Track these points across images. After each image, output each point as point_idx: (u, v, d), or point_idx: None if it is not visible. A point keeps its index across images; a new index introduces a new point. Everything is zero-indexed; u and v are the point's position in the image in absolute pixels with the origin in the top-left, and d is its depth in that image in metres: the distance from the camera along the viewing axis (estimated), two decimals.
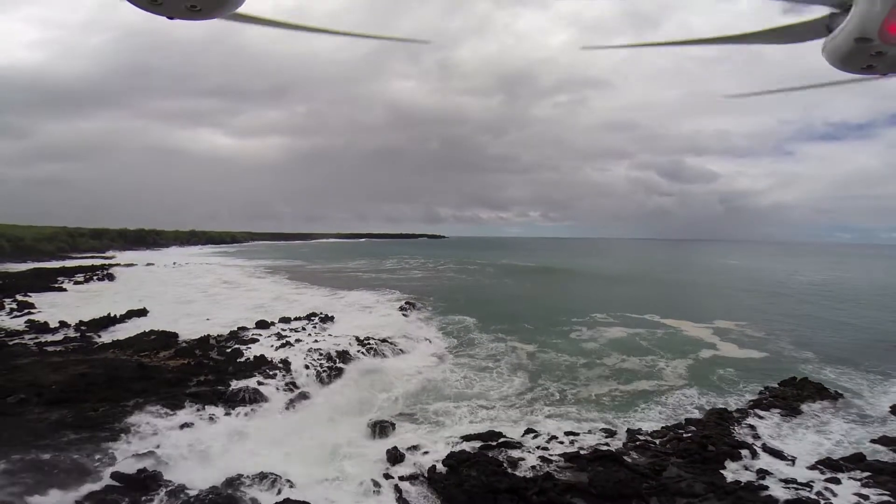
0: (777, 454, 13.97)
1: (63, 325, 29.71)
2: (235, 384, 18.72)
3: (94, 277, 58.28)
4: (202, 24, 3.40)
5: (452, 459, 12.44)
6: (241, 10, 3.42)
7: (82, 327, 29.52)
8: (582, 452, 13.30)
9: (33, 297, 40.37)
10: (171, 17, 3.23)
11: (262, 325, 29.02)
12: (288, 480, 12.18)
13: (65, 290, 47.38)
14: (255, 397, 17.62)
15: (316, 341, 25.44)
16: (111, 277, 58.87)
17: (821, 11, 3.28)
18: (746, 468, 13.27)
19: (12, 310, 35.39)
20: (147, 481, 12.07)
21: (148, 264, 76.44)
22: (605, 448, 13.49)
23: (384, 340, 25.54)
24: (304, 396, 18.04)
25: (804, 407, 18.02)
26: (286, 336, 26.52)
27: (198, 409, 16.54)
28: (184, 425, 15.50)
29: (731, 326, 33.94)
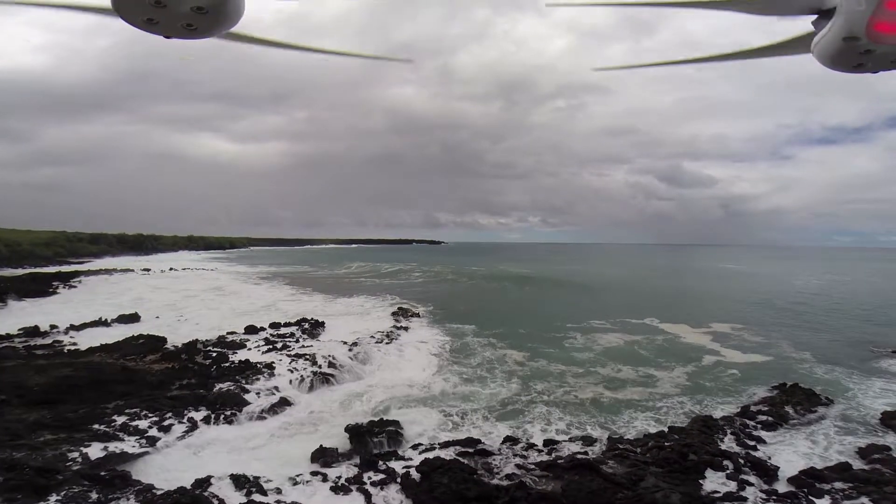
0: (759, 464, 13.66)
1: (54, 328, 29.81)
2: (217, 388, 18.67)
3: (89, 282, 58.34)
4: None
5: (426, 466, 12.26)
6: (239, 28, 3.41)
7: (73, 331, 29.58)
8: (559, 461, 13.07)
9: (27, 302, 40.48)
10: (167, 37, 3.24)
11: (250, 330, 28.92)
12: (258, 483, 12.06)
13: (59, 294, 47.46)
14: (236, 401, 17.49)
15: (303, 347, 25.34)
16: (106, 282, 58.93)
17: (806, 28, 3.29)
18: (727, 478, 12.99)
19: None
20: (115, 481, 12.10)
21: (144, 269, 76.51)
22: (582, 457, 13.26)
23: (372, 346, 25.36)
24: (284, 401, 17.89)
25: (792, 414, 17.74)
26: (274, 341, 26.44)
27: (176, 412, 16.48)
28: (161, 427, 15.45)
29: (728, 330, 33.83)
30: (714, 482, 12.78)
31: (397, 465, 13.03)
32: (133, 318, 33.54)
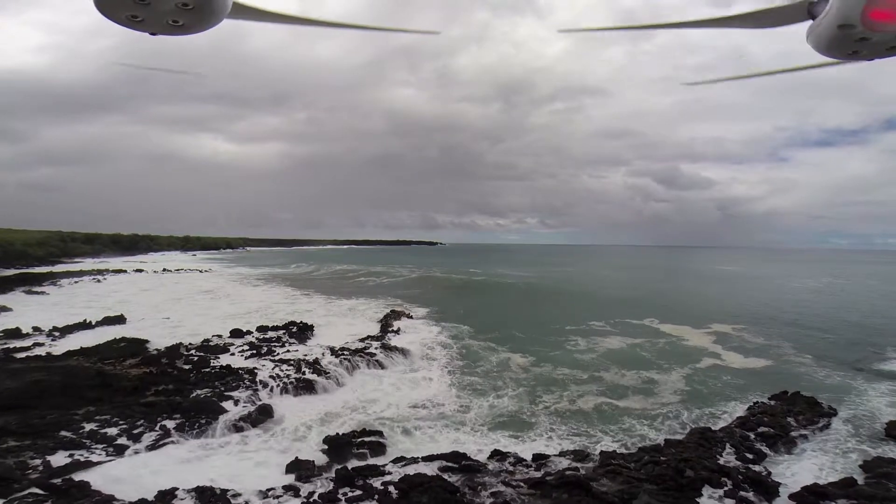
0: (759, 481, 12.90)
1: (36, 330, 29.12)
2: (194, 395, 17.91)
3: (79, 283, 57.53)
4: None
5: (405, 483, 11.48)
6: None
7: (55, 333, 28.90)
8: (548, 478, 12.27)
9: (13, 303, 39.67)
10: (153, 34, 3.23)
11: (236, 334, 28.13)
12: (224, 496, 11.31)
13: (46, 295, 46.66)
14: (212, 409, 16.72)
15: (288, 351, 24.57)
16: (95, 283, 58.10)
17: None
18: (725, 496, 12.24)
19: None
20: (72, 490, 11.47)
21: (137, 270, 75.68)
22: (572, 473, 12.45)
23: (359, 351, 24.55)
24: (263, 409, 17.06)
25: (794, 424, 16.93)
26: (259, 346, 25.64)
27: (148, 420, 15.76)
28: (131, 435, 14.76)
29: (728, 332, 33.33)
30: (711, 500, 12.02)
31: (376, 481, 12.24)
32: (118, 319, 32.80)
